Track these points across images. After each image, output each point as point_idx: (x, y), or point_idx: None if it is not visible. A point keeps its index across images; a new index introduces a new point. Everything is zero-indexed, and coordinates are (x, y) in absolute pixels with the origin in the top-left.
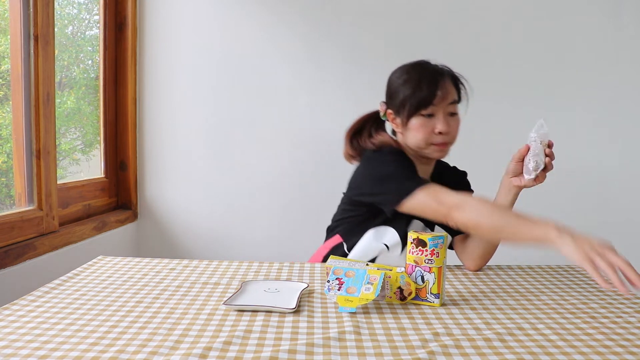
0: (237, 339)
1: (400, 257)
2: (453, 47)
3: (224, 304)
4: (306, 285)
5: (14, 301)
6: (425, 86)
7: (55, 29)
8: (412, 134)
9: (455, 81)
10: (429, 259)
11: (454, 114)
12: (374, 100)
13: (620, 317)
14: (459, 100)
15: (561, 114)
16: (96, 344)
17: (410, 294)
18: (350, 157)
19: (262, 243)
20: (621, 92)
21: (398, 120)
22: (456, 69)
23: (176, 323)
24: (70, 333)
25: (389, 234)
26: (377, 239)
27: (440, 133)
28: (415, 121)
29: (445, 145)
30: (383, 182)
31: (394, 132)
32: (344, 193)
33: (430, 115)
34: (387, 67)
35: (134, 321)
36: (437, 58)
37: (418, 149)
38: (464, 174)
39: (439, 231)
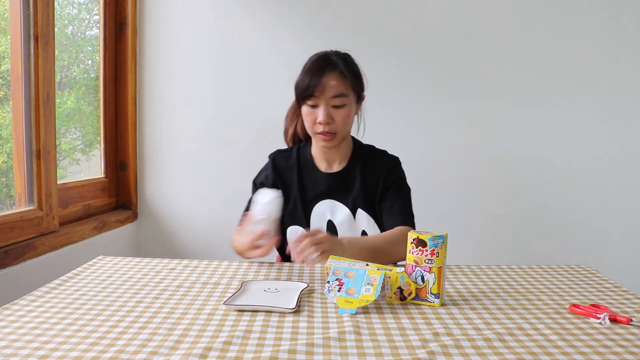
0: (237, 339)
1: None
2: (453, 47)
3: (224, 304)
4: (306, 285)
5: (14, 301)
6: (308, 78)
7: (55, 29)
8: (304, 121)
9: (346, 75)
10: (429, 259)
11: (339, 107)
12: (374, 101)
13: None
14: (348, 94)
15: (561, 113)
16: (96, 344)
17: (410, 294)
18: None
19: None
20: (621, 91)
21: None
22: (456, 69)
23: (176, 323)
24: (70, 333)
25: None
26: (294, 231)
27: (320, 123)
28: (304, 109)
29: (330, 136)
30: None
31: None
32: None
33: (315, 106)
34: (387, 67)
35: (134, 321)
36: (436, 58)
37: (311, 136)
38: (396, 160)
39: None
